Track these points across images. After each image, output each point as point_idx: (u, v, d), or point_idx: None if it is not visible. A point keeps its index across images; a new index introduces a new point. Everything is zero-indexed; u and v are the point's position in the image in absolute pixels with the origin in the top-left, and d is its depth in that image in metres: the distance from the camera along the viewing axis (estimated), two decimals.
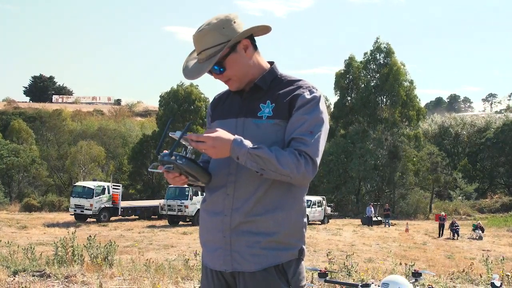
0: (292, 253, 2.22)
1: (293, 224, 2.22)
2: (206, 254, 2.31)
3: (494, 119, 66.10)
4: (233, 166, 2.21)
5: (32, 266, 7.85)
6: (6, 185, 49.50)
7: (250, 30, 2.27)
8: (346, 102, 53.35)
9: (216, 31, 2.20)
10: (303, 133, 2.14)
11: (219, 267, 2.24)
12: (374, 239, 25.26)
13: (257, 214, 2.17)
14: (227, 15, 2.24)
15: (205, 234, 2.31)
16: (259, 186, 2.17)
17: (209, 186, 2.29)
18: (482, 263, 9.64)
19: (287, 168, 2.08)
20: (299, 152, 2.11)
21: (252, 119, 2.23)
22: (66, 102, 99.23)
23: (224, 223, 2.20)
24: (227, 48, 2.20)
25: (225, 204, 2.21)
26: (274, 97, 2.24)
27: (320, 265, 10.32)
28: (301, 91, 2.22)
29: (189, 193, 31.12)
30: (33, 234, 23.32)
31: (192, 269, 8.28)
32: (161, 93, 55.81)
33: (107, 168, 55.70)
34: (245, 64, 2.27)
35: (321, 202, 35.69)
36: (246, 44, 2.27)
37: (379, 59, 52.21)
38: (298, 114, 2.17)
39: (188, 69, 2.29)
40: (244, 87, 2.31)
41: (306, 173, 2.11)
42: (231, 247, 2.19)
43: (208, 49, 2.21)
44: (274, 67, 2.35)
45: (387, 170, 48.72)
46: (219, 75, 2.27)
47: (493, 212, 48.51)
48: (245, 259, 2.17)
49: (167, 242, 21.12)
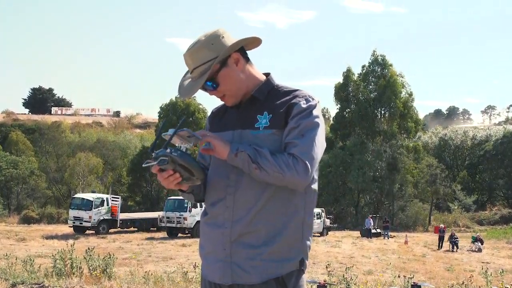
0: (293, 264, 2.22)
1: (293, 235, 2.22)
2: (206, 266, 2.30)
3: (493, 131, 66.23)
4: (232, 178, 2.21)
5: (30, 278, 7.84)
6: (4, 197, 49.43)
7: (238, 43, 2.26)
8: (345, 114, 53.50)
9: (205, 48, 2.20)
10: (295, 137, 2.15)
11: (219, 280, 2.22)
12: (373, 251, 25.20)
13: (257, 225, 2.17)
14: (215, 30, 2.24)
15: (206, 247, 2.30)
16: (259, 197, 2.17)
17: (210, 199, 2.28)
18: (481, 276, 9.63)
19: (278, 165, 2.08)
20: (289, 154, 2.12)
21: (250, 130, 2.23)
22: (65, 114, 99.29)
23: (224, 236, 2.19)
24: (217, 63, 2.21)
25: (225, 216, 2.20)
26: (271, 108, 2.24)
27: (320, 278, 10.31)
28: (298, 100, 2.22)
29: (188, 205, 31.05)
30: (32, 246, 23.23)
31: (191, 281, 8.26)
32: (161, 105, 56.02)
33: (106, 180, 55.65)
34: (238, 77, 2.26)
35: (320, 214, 35.63)
36: (237, 57, 2.26)
37: (377, 72, 52.45)
38: (292, 122, 2.17)
39: (183, 87, 2.30)
40: (240, 100, 2.31)
41: (296, 173, 2.09)
42: (231, 259, 2.18)
43: (199, 67, 2.21)
44: (270, 78, 2.35)
45: (386, 182, 48.71)
46: (214, 91, 2.27)
47: (492, 224, 48.48)
48: (246, 271, 2.16)
49: (166, 254, 21.05)
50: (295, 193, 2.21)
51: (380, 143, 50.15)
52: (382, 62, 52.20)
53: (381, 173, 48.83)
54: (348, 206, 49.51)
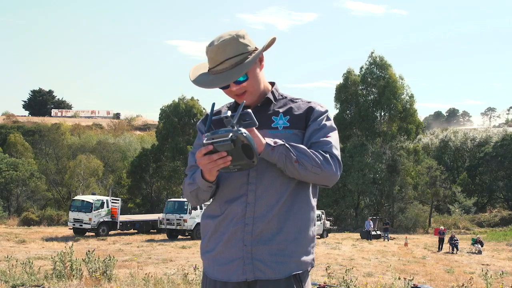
0: (309, 262, 2.26)
1: (311, 235, 2.27)
2: (216, 267, 2.24)
3: (493, 133, 66.21)
4: (252, 175, 2.21)
5: (30, 280, 7.84)
6: (4, 199, 49.36)
7: (270, 43, 2.29)
8: (345, 116, 53.43)
9: (236, 41, 2.21)
10: (322, 137, 2.23)
11: (237, 278, 2.17)
12: (373, 253, 25.19)
13: (280, 222, 2.18)
14: (239, 30, 2.26)
15: (216, 247, 2.24)
16: (281, 195, 2.19)
17: (226, 197, 2.24)
18: (481, 278, 9.63)
19: (317, 160, 2.13)
20: (323, 151, 2.18)
21: (267, 130, 2.25)
22: (65, 116, 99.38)
23: (245, 232, 2.17)
24: (255, 55, 2.20)
25: (246, 212, 2.18)
26: (286, 111, 2.29)
27: (320, 280, 10.30)
28: (314, 105, 2.31)
29: (188, 207, 31.05)
30: (32, 248, 23.21)
31: (191, 283, 8.26)
32: (162, 106, 55.83)
33: (106, 182, 55.62)
34: (260, 77, 2.30)
35: (320, 216, 35.62)
36: (262, 57, 2.31)
37: (375, 73, 52.28)
38: (315, 124, 2.26)
39: (208, 80, 2.25)
40: (252, 103, 2.31)
41: (333, 169, 2.17)
42: (252, 255, 2.16)
43: (233, 58, 2.19)
44: (276, 85, 2.40)
45: (386, 184, 48.69)
46: (238, 86, 2.24)
47: (492, 226, 48.44)
48: (269, 266, 2.15)
49: (166, 256, 21.04)
50: (308, 188, 2.27)
51: (380, 145, 50.13)
52: (381, 63, 52.09)
53: (381, 175, 48.82)
54: (348, 208, 49.48)
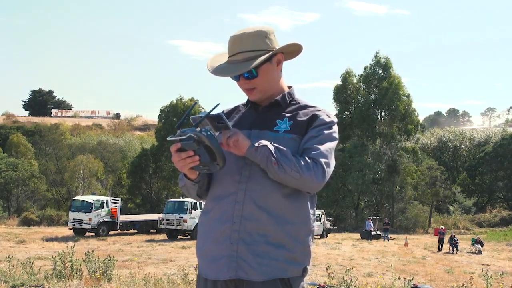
0: (298, 269, 2.21)
1: (301, 240, 2.22)
2: (206, 264, 2.25)
3: (493, 133, 66.18)
4: (244, 174, 2.21)
5: (30, 280, 7.84)
6: (4, 199, 49.35)
7: (290, 45, 2.33)
8: (344, 116, 53.38)
9: (259, 37, 2.25)
10: (315, 143, 2.21)
11: (223, 276, 2.18)
12: (373, 253, 25.19)
13: (267, 224, 2.16)
14: (268, 27, 2.31)
15: (206, 244, 2.25)
16: (271, 197, 2.17)
17: (217, 193, 2.25)
18: (481, 278, 9.63)
19: (297, 164, 2.12)
20: (308, 157, 2.16)
21: (268, 131, 2.26)
22: (65, 116, 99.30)
23: (233, 230, 2.17)
24: (267, 56, 2.24)
25: (234, 211, 2.18)
26: (292, 115, 2.30)
27: (319, 280, 10.32)
28: (320, 113, 2.30)
29: (188, 208, 31.07)
30: (32, 249, 23.21)
31: (191, 283, 8.27)
32: (161, 107, 55.87)
33: (106, 182, 55.62)
34: (274, 77, 2.33)
35: (320, 216, 35.62)
36: (280, 58, 2.33)
37: (378, 73, 52.19)
38: (314, 131, 2.25)
39: (219, 67, 2.29)
40: (261, 101, 2.35)
41: (314, 175, 2.14)
42: (237, 254, 2.15)
43: (247, 52, 2.23)
44: (293, 90, 2.41)
45: (386, 184, 48.68)
46: (247, 81, 2.28)
47: (492, 227, 48.42)
48: (252, 267, 2.14)
49: (166, 256, 21.04)
50: (305, 197, 2.24)
51: (380, 145, 50.12)
52: (385, 64, 52.01)
53: (381, 175, 48.81)
54: (348, 208, 49.46)
